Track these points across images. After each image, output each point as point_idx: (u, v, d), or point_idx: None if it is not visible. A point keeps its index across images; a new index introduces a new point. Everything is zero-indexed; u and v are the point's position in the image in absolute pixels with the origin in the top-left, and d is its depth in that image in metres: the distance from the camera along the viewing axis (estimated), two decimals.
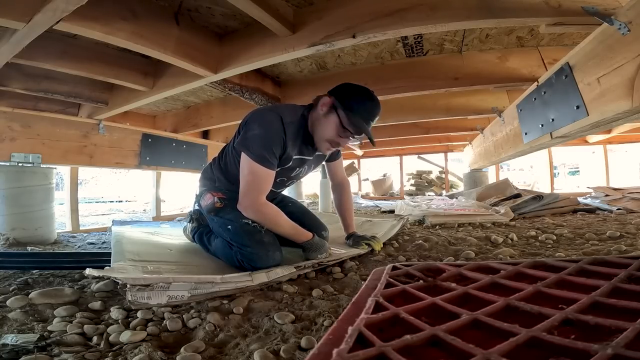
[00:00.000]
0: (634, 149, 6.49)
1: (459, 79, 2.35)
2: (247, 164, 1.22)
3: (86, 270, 0.93)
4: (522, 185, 7.82)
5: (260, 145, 1.21)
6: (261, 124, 1.24)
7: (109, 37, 1.51)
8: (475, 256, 1.37)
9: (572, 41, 2.14)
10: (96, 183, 15.38)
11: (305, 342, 0.68)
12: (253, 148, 1.21)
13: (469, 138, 4.49)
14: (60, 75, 2.19)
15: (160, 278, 0.92)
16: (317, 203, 4.24)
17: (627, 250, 1.32)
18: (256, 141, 1.21)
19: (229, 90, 2.35)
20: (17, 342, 0.68)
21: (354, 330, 0.43)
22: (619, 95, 1.23)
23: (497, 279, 0.62)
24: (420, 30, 1.56)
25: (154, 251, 1.43)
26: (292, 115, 1.30)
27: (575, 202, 3.02)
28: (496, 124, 3.04)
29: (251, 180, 1.22)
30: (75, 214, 2.84)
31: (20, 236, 2.03)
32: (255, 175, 1.22)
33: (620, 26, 1.16)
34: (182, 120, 3.51)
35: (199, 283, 0.94)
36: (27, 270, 1.24)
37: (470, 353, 0.38)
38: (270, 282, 1.07)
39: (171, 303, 0.90)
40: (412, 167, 7.42)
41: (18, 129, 2.20)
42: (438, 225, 2.25)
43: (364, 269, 1.28)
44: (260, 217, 1.25)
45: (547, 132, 1.89)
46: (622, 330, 0.39)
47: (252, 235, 1.22)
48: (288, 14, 1.70)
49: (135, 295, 0.86)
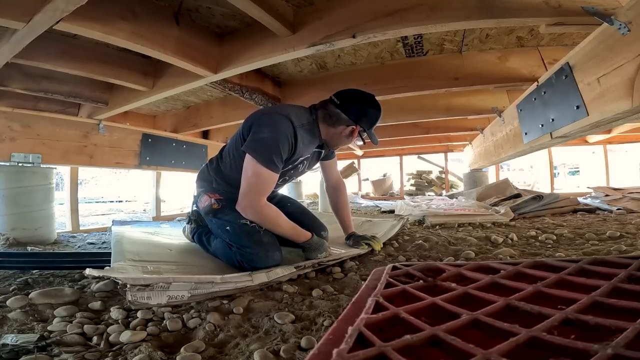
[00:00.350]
0: (634, 149, 6.48)
1: (459, 79, 2.35)
2: (251, 166, 1.22)
3: (86, 270, 0.93)
4: (522, 185, 7.82)
5: (269, 149, 1.21)
6: (272, 128, 1.23)
7: (109, 37, 1.51)
8: (475, 256, 1.37)
9: (572, 41, 2.14)
10: (96, 183, 15.38)
11: (305, 342, 0.68)
12: (261, 151, 1.21)
13: (469, 138, 4.49)
14: (60, 75, 2.19)
15: (160, 278, 0.92)
16: (317, 203, 4.25)
17: (627, 250, 1.32)
18: (265, 145, 1.21)
19: (229, 90, 2.35)
20: (17, 342, 0.68)
21: (354, 330, 0.42)
22: (619, 95, 1.23)
23: (497, 279, 0.62)
24: (420, 30, 1.57)
25: (154, 251, 1.42)
26: (302, 118, 1.31)
27: (575, 202, 3.02)
28: (496, 124, 3.04)
29: (254, 182, 1.22)
30: (75, 214, 2.84)
31: (20, 236, 2.03)
32: (259, 178, 1.21)
33: (620, 26, 1.16)
34: (182, 120, 3.51)
35: (199, 283, 0.94)
36: (27, 270, 1.24)
37: (470, 353, 0.38)
38: (270, 282, 1.07)
39: (171, 303, 0.90)
40: (412, 167, 7.42)
41: (18, 129, 2.20)
42: (438, 225, 2.25)
43: (364, 269, 1.28)
44: (260, 218, 1.25)
45: (547, 132, 1.89)
46: (622, 330, 0.39)
47: (251, 236, 1.22)
48: (288, 14, 1.70)
49: (135, 295, 0.86)
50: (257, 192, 1.23)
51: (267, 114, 1.30)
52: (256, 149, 1.21)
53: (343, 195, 1.70)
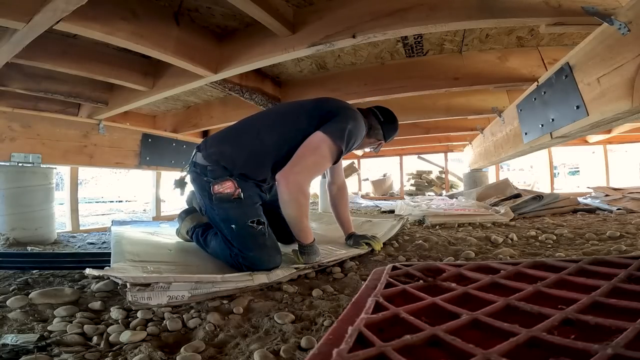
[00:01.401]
0: (634, 149, 6.49)
1: (459, 79, 2.35)
2: (321, 146, 1.21)
3: (86, 270, 0.93)
4: (522, 185, 7.82)
5: (347, 142, 1.25)
6: (356, 125, 1.29)
7: (109, 37, 1.51)
8: (475, 256, 1.37)
9: (572, 41, 2.14)
10: (96, 183, 15.37)
11: (305, 342, 0.68)
12: (339, 140, 1.23)
13: (469, 138, 4.48)
14: (60, 75, 2.19)
15: (161, 277, 0.92)
16: (317, 203, 4.24)
17: (627, 250, 1.32)
18: (344, 136, 1.24)
19: (229, 90, 2.35)
20: (17, 342, 0.68)
21: (354, 330, 0.42)
22: (619, 95, 1.23)
23: (497, 279, 0.62)
24: (420, 30, 1.57)
25: (153, 251, 1.42)
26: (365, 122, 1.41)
27: (575, 202, 3.02)
28: (496, 124, 3.04)
29: (314, 161, 1.21)
30: (75, 214, 2.84)
31: (20, 236, 2.03)
32: (322, 159, 1.21)
33: (620, 26, 1.16)
34: (182, 120, 3.51)
35: (199, 283, 0.94)
36: (27, 270, 1.24)
37: (470, 353, 0.38)
38: (270, 283, 1.07)
39: (171, 303, 0.90)
40: (412, 167, 7.42)
41: (18, 129, 2.20)
42: (438, 225, 2.25)
43: (364, 269, 1.28)
44: (297, 200, 1.19)
45: (547, 132, 1.89)
46: (622, 330, 0.39)
47: (256, 239, 1.19)
48: (288, 14, 1.70)
49: (135, 295, 0.86)
50: (312, 173, 1.23)
51: (351, 109, 1.36)
52: (335, 135, 1.22)
53: (345, 196, 1.72)
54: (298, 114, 1.34)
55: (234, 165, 1.27)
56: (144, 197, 9.11)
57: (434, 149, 6.14)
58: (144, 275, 0.93)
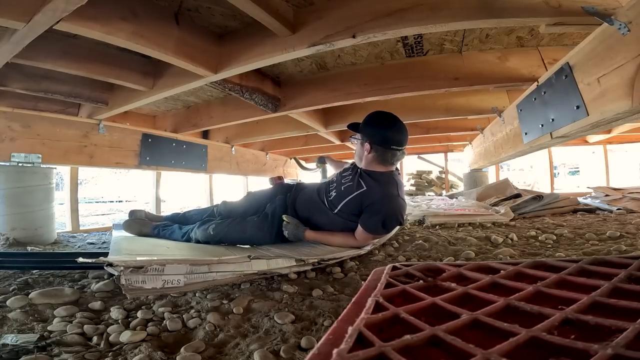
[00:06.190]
0: (634, 149, 6.48)
1: (459, 79, 2.35)
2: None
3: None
4: (522, 185, 7.82)
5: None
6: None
7: (109, 37, 1.51)
8: (475, 256, 1.37)
9: (572, 41, 2.14)
10: (96, 183, 15.37)
11: (305, 342, 0.68)
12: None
13: (469, 138, 4.48)
14: (60, 75, 2.19)
15: (154, 260, 0.90)
16: None
17: (627, 250, 1.32)
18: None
19: (228, 90, 2.35)
20: (17, 342, 0.68)
21: (354, 330, 0.42)
22: (619, 95, 1.23)
23: (497, 279, 0.62)
24: (420, 30, 1.57)
25: (151, 248, 1.44)
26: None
27: (575, 202, 3.02)
28: (496, 124, 3.04)
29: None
30: (75, 214, 2.84)
31: (20, 236, 2.03)
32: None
33: (620, 26, 1.16)
34: (182, 120, 3.51)
35: (194, 265, 0.92)
36: (27, 270, 1.24)
37: (470, 353, 0.38)
38: (269, 271, 1.06)
39: (167, 288, 0.89)
40: (412, 167, 7.41)
41: (18, 129, 2.20)
42: (438, 225, 2.25)
43: (364, 269, 1.28)
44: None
45: (547, 132, 1.89)
46: (622, 330, 0.39)
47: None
48: (288, 14, 1.70)
49: (129, 279, 0.84)
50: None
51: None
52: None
53: None
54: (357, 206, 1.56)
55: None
56: (144, 197, 9.11)
57: (434, 149, 6.13)
58: (137, 259, 0.92)
